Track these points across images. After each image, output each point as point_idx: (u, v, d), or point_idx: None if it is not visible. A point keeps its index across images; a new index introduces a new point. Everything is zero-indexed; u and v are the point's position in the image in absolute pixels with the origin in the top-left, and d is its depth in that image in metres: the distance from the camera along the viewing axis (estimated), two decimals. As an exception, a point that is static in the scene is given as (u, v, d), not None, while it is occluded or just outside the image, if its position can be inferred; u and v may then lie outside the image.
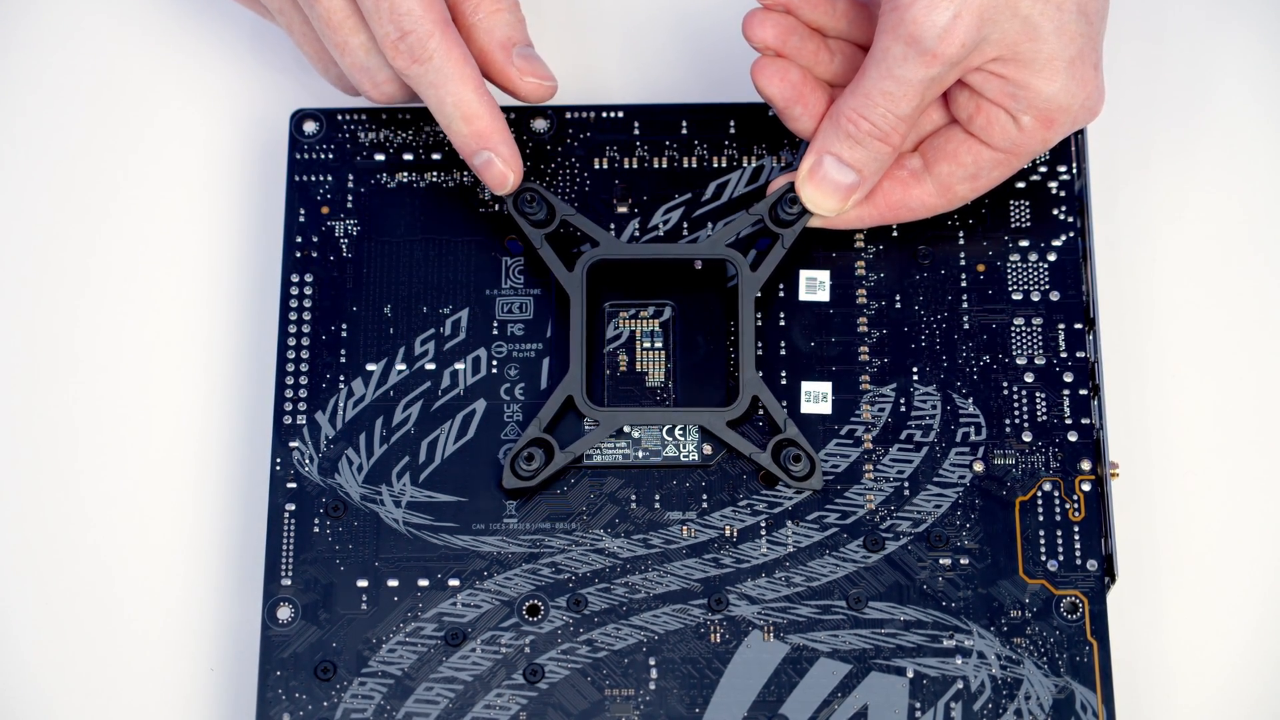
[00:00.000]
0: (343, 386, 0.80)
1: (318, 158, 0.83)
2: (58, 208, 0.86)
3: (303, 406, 0.80)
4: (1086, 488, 0.79)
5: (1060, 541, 0.78)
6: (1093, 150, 0.84)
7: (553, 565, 0.78)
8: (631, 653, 0.77)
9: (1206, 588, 0.80)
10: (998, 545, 0.78)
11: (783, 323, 0.81)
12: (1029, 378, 0.80)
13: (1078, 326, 0.81)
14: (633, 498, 0.79)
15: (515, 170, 0.79)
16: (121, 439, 0.82)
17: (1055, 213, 0.82)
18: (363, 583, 0.78)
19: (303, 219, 0.82)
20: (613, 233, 0.81)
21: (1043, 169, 0.82)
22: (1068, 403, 0.80)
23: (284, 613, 0.77)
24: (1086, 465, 0.79)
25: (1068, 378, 0.80)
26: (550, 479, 0.79)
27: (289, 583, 0.78)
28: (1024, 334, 0.80)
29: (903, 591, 0.77)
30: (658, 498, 0.79)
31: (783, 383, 0.80)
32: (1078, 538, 0.78)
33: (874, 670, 0.77)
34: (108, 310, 0.84)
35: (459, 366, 0.81)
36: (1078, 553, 0.78)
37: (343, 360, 0.80)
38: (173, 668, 0.80)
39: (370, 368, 0.80)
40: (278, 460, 0.79)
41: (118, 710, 0.79)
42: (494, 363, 0.80)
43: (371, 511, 0.79)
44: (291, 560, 0.78)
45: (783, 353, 0.81)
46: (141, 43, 0.88)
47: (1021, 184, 0.82)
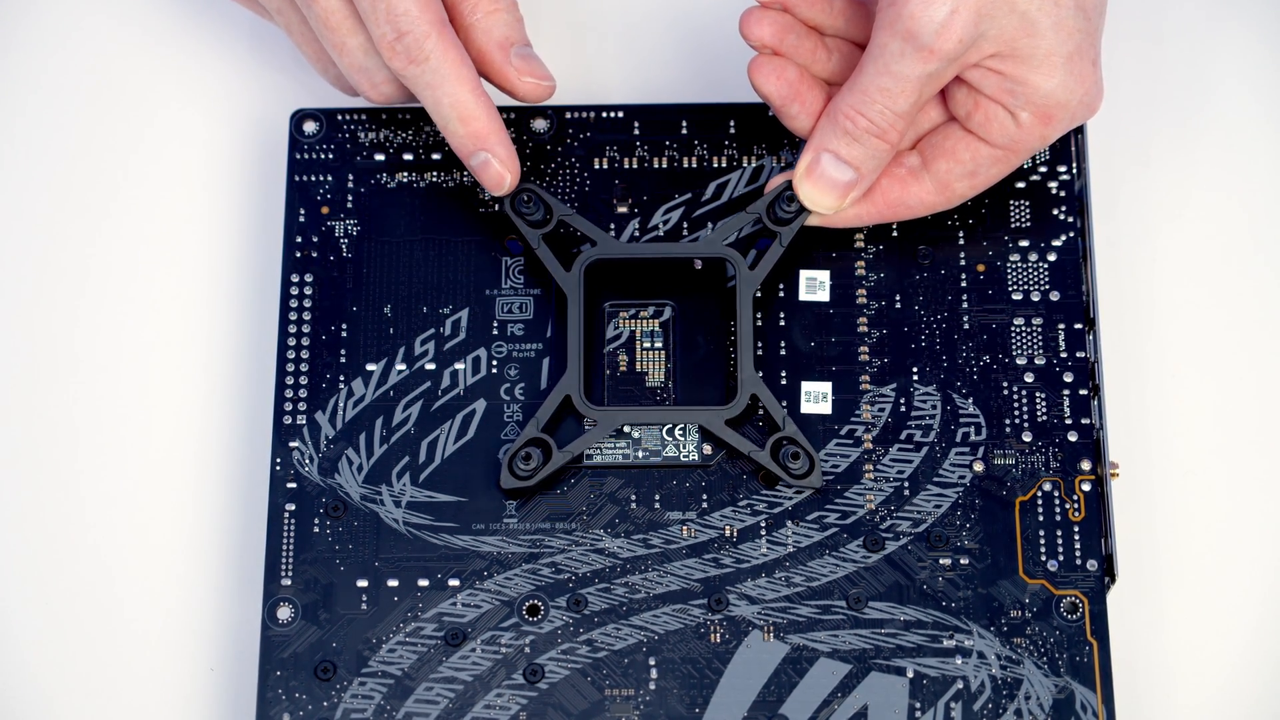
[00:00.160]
0: (343, 386, 0.80)
1: (318, 158, 0.83)
2: (58, 207, 0.86)
3: (303, 406, 0.80)
4: (1086, 488, 0.79)
5: (1060, 541, 0.78)
6: (1093, 150, 0.84)
7: (553, 565, 0.78)
8: (631, 653, 0.77)
9: (1206, 588, 0.80)
10: (998, 545, 0.78)
11: (783, 323, 0.81)
12: (1029, 378, 0.80)
13: (1078, 326, 0.80)
14: (633, 498, 0.79)
15: (512, 171, 0.79)
16: (121, 439, 0.82)
17: (1055, 213, 0.82)
18: (363, 583, 0.78)
19: (303, 219, 0.82)
20: (612, 233, 0.81)
21: (1043, 169, 0.82)
22: (1068, 403, 0.80)
23: (284, 613, 0.77)
24: (1086, 465, 0.79)
25: (1068, 378, 0.80)
26: (550, 479, 0.79)
27: (289, 583, 0.78)
28: (1024, 334, 0.80)
29: (903, 591, 0.77)
30: (658, 498, 0.79)
31: (783, 383, 0.80)
32: (1078, 538, 0.78)
33: (874, 670, 0.77)
34: (108, 310, 0.84)
35: (459, 366, 0.80)
36: (1078, 553, 0.78)
37: (343, 360, 0.80)
38: (173, 668, 0.80)
39: (370, 368, 0.80)
40: (278, 460, 0.79)
41: (118, 710, 0.79)
42: (494, 363, 0.80)
43: (371, 511, 0.79)
44: (291, 560, 0.78)
45: (783, 353, 0.81)
46: (141, 43, 0.88)
47: (1021, 184, 0.82)
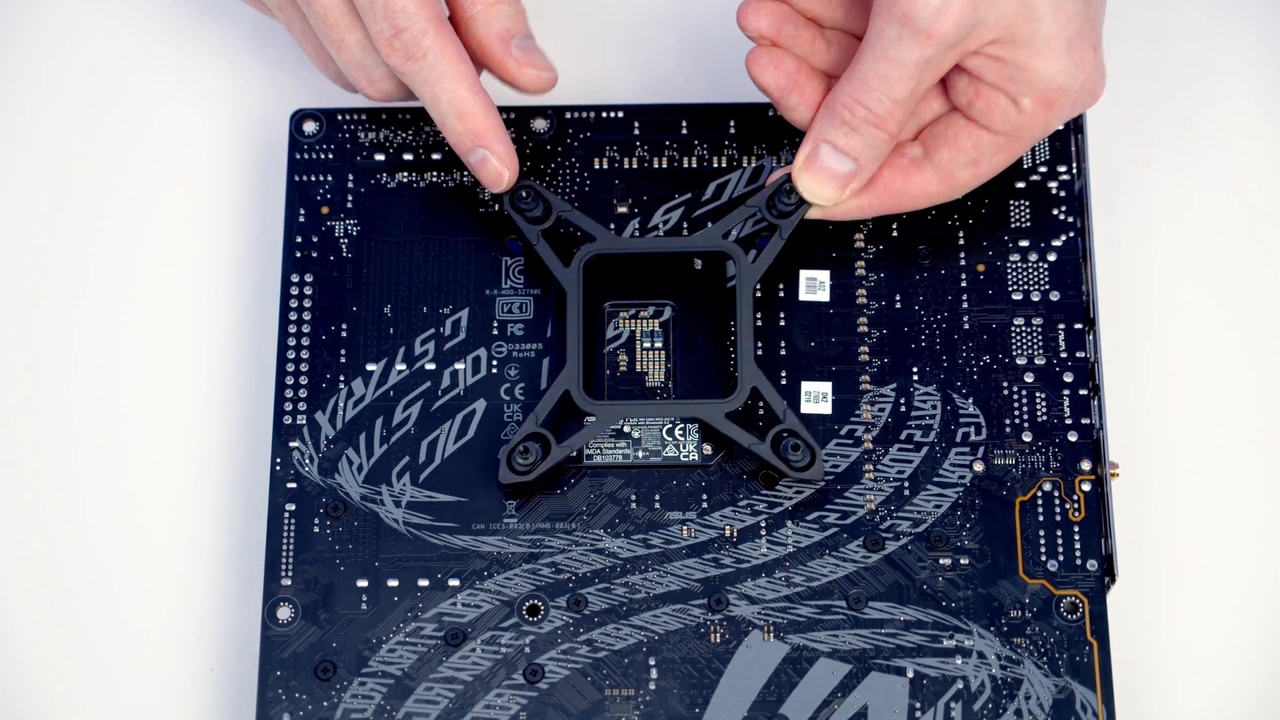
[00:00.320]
0: (343, 386, 0.80)
1: (318, 158, 0.83)
2: (58, 207, 0.86)
3: (303, 406, 0.80)
4: (1086, 488, 0.79)
5: (1060, 541, 0.78)
6: (1093, 150, 0.84)
7: (553, 565, 0.78)
8: (631, 653, 0.77)
9: (1206, 588, 0.80)
10: (998, 545, 0.78)
11: (783, 323, 0.81)
12: (1029, 378, 0.80)
13: (1078, 326, 0.80)
14: (633, 498, 0.79)
15: (510, 168, 0.79)
16: (121, 439, 0.82)
17: (1055, 213, 0.82)
18: (363, 583, 0.78)
19: (303, 219, 0.82)
20: (612, 232, 0.81)
21: (1043, 169, 0.82)
22: (1068, 403, 0.80)
23: (284, 613, 0.77)
24: (1086, 465, 0.79)
25: (1068, 378, 0.80)
26: (549, 478, 0.79)
27: (289, 583, 0.78)
28: (1024, 334, 0.80)
29: (903, 591, 0.77)
30: (658, 498, 0.79)
31: (783, 383, 0.80)
32: (1078, 538, 0.78)
33: (874, 670, 0.77)
34: (107, 310, 0.84)
35: (459, 366, 0.80)
36: (1078, 553, 0.78)
37: (343, 360, 0.80)
38: (173, 668, 0.80)
39: (370, 368, 0.80)
40: (278, 460, 0.79)
41: (118, 710, 0.79)
42: (494, 363, 0.80)
43: (371, 511, 0.79)
44: (291, 560, 0.78)
45: (783, 353, 0.81)
46: (141, 43, 0.88)
47: (1021, 184, 0.82)
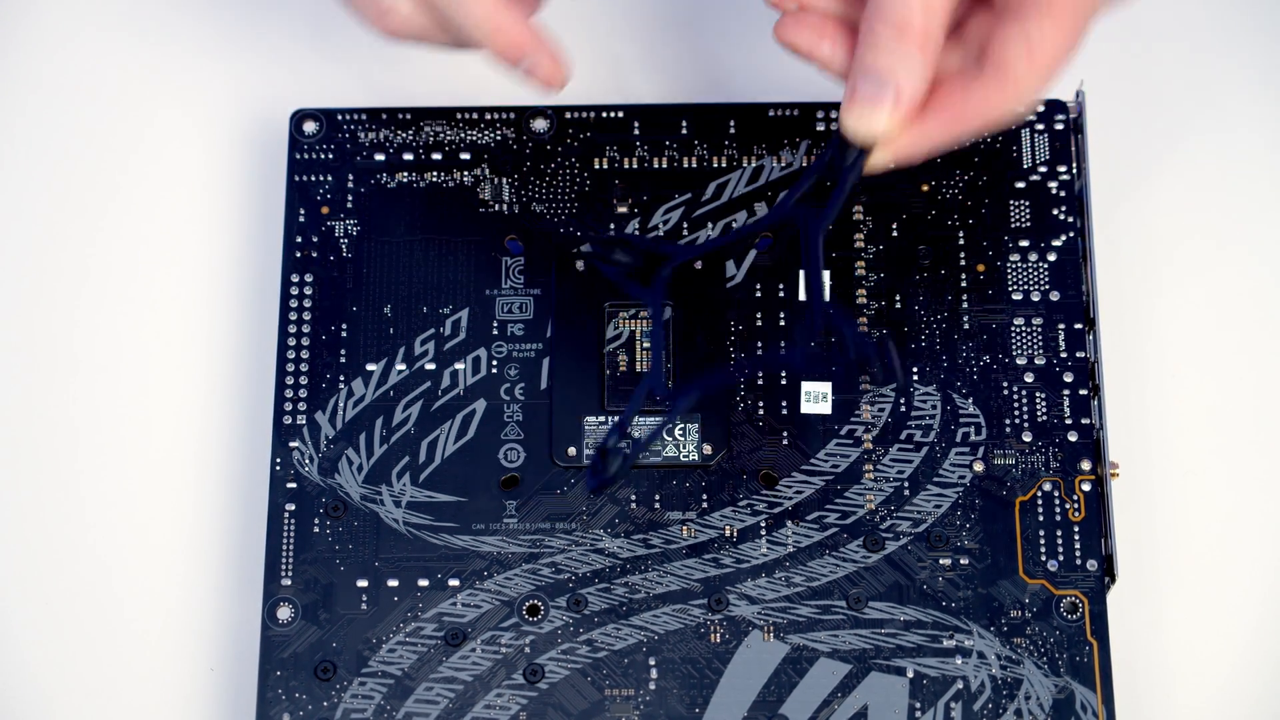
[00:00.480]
0: (343, 386, 0.80)
1: (318, 158, 0.83)
2: (57, 207, 0.86)
3: (303, 406, 0.80)
4: (1086, 488, 0.79)
5: (1060, 541, 0.78)
6: (1093, 150, 0.84)
7: (553, 565, 0.78)
8: (631, 653, 0.77)
9: (1206, 588, 0.80)
10: (998, 545, 0.78)
11: (782, 323, 0.81)
12: (1029, 378, 0.80)
13: (1078, 326, 0.80)
14: (633, 498, 0.79)
15: (562, 68, 0.76)
16: (121, 439, 0.82)
17: (1055, 213, 0.82)
18: (363, 583, 0.78)
19: (303, 219, 0.82)
20: (612, 232, 0.81)
21: (1043, 169, 0.82)
22: (1068, 403, 0.80)
23: (284, 613, 0.77)
24: (1086, 465, 0.79)
25: (1068, 378, 0.80)
26: (550, 480, 0.79)
27: (289, 583, 0.78)
28: (1024, 334, 0.80)
29: (903, 591, 0.77)
30: (658, 498, 0.79)
31: (783, 383, 0.80)
32: (1078, 538, 0.78)
33: (874, 670, 0.77)
34: (108, 310, 0.84)
35: (459, 366, 0.80)
36: (1078, 553, 0.78)
37: (343, 360, 0.80)
38: (173, 668, 0.80)
39: (370, 368, 0.80)
40: (278, 460, 0.79)
41: (118, 710, 0.79)
42: (494, 363, 0.80)
43: (371, 511, 0.79)
44: (291, 560, 0.78)
45: (783, 353, 0.80)
46: (141, 43, 0.88)
47: (1021, 184, 0.82)
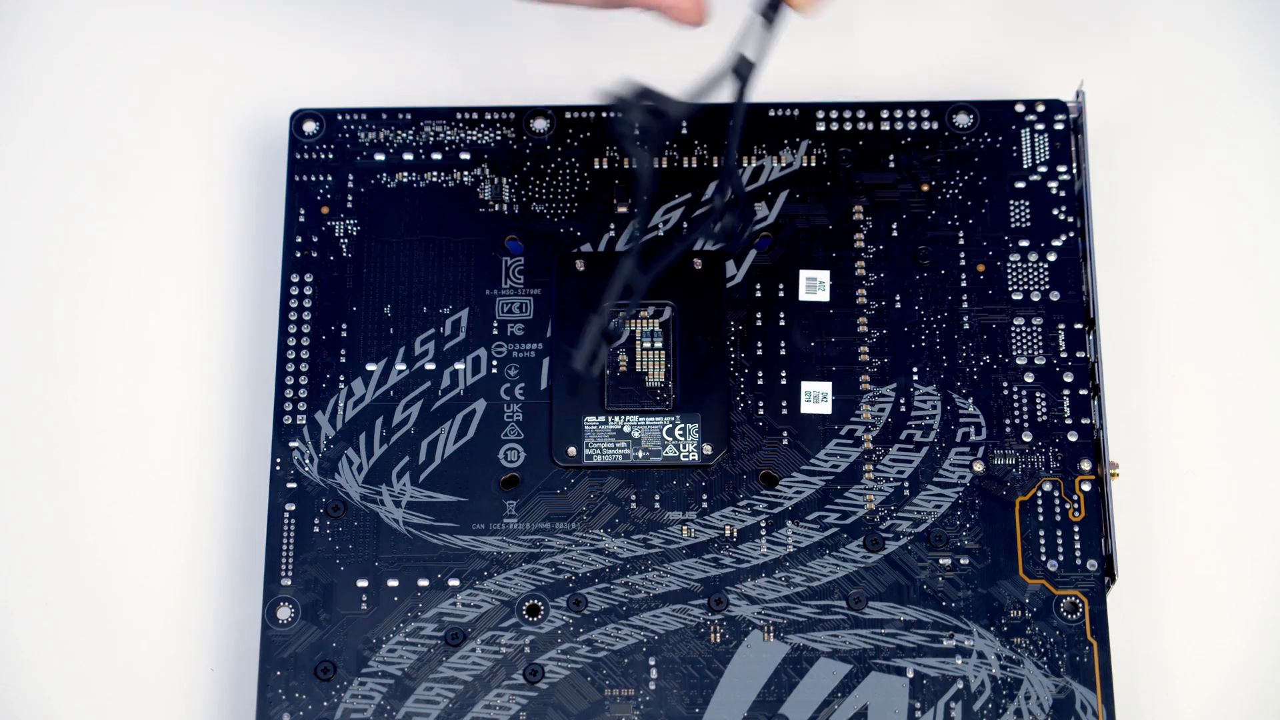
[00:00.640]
0: (343, 386, 0.80)
1: (318, 158, 0.83)
2: (58, 208, 0.86)
3: (303, 406, 0.80)
4: (1086, 488, 0.79)
5: (1060, 541, 0.78)
6: (1093, 150, 0.84)
7: (553, 565, 0.78)
8: (631, 653, 0.77)
9: (1206, 588, 0.80)
10: (998, 545, 0.78)
11: (782, 323, 0.81)
12: (1029, 378, 0.80)
13: (1078, 326, 0.80)
14: (633, 498, 0.79)
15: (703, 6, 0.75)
16: (121, 439, 0.82)
17: (1055, 213, 0.82)
18: (363, 583, 0.78)
19: (303, 219, 0.82)
20: (612, 233, 0.81)
21: (1043, 169, 0.82)
22: (1068, 403, 0.80)
23: (284, 613, 0.77)
24: (1086, 465, 0.79)
25: (1068, 378, 0.80)
26: (550, 480, 0.79)
27: (289, 583, 0.78)
28: (1024, 334, 0.80)
29: (903, 591, 0.77)
30: (658, 498, 0.79)
31: (783, 383, 0.80)
32: (1078, 538, 0.78)
33: (874, 670, 0.77)
34: (108, 311, 0.84)
35: (459, 366, 0.80)
36: (1078, 553, 0.78)
37: (343, 360, 0.80)
38: (173, 668, 0.80)
39: (370, 368, 0.80)
40: (278, 460, 0.79)
41: (118, 710, 0.79)
42: (494, 363, 0.80)
43: (371, 511, 0.79)
44: (291, 560, 0.78)
45: (783, 353, 0.81)
46: (141, 43, 0.88)
47: (1021, 184, 0.82)
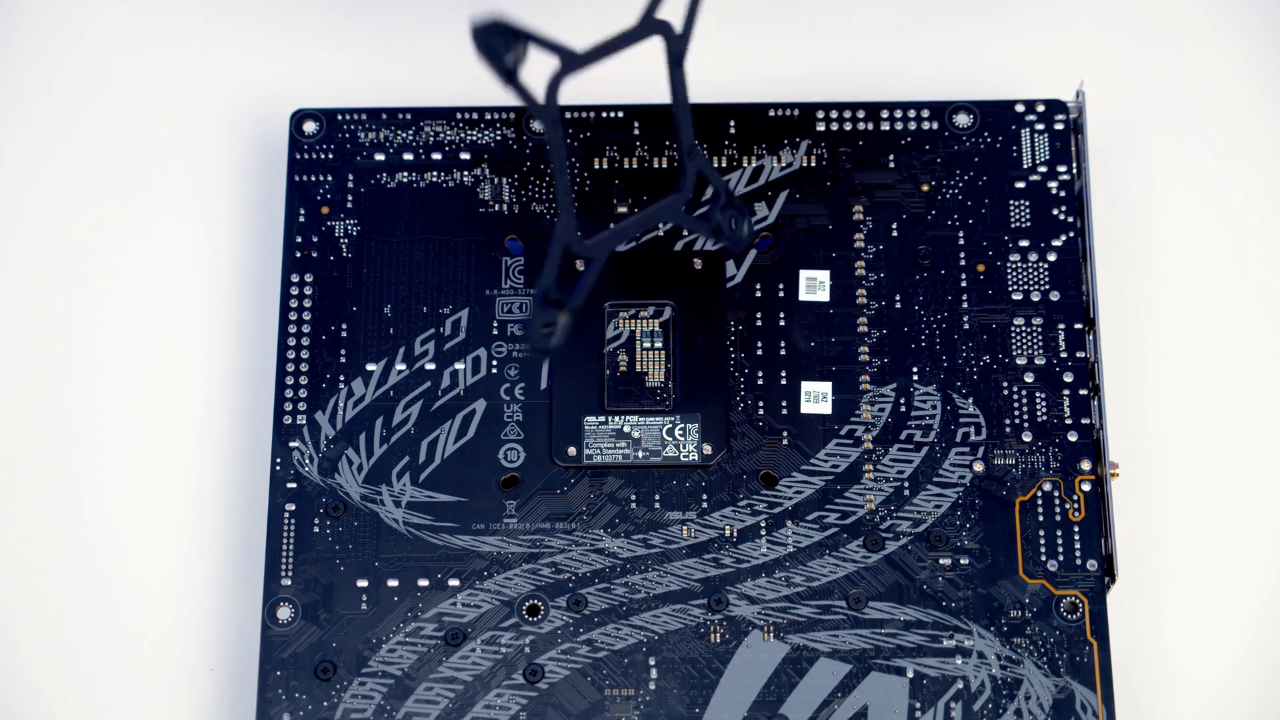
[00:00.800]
0: (343, 386, 0.80)
1: (318, 158, 0.83)
2: (58, 208, 0.86)
3: (303, 406, 0.80)
4: (1086, 488, 0.79)
5: (1060, 541, 0.78)
6: (1093, 150, 0.84)
7: (553, 565, 0.78)
8: (631, 653, 0.77)
9: (1206, 588, 0.80)
10: (998, 545, 0.78)
11: (782, 323, 0.81)
12: (1029, 378, 0.80)
13: (1078, 326, 0.80)
14: (633, 498, 0.79)
15: None
16: (121, 439, 0.82)
17: (1055, 213, 0.82)
18: (363, 583, 0.78)
19: (303, 219, 0.82)
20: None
21: (1043, 169, 0.82)
22: (1068, 403, 0.80)
23: (284, 613, 0.77)
24: (1086, 465, 0.79)
25: (1068, 378, 0.80)
26: (550, 480, 0.79)
27: (289, 583, 0.78)
28: (1024, 334, 0.80)
29: (903, 591, 0.77)
30: (658, 498, 0.79)
31: (783, 383, 0.80)
32: (1078, 538, 0.78)
33: (874, 670, 0.77)
34: (107, 311, 0.84)
35: (459, 366, 0.80)
36: (1078, 553, 0.78)
37: (343, 360, 0.80)
38: (173, 668, 0.80)
39: (370, 368, 0.80)
40: (278, 460, 0.79)
41: (118, 710, 0.79)
42: (494, 363, 0.80)
43: (371, 511, 0.79)
44: (291, 560, 0.78)
45: (782, 353, 0.81)
46: (141, 43, 0.88)
47: (1021, 184, 0.82)
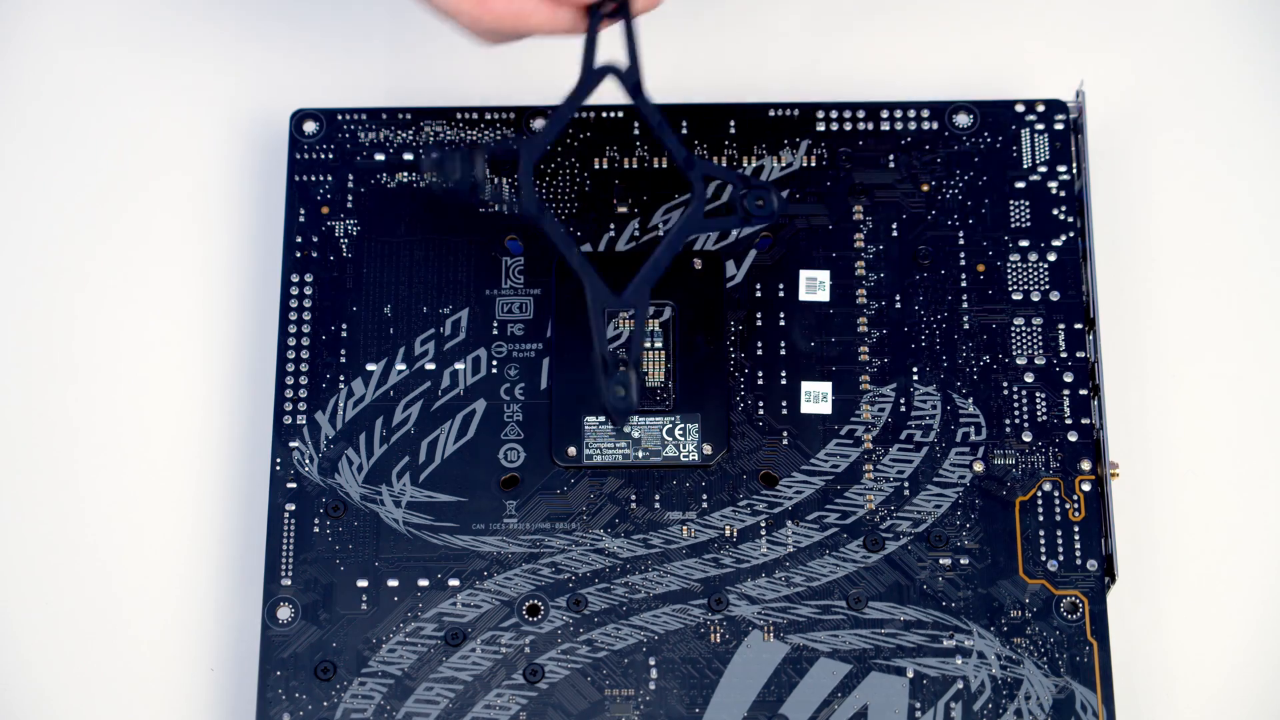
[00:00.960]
0: (343, 386, 0.80)
1: (318, 158, 0.83)
2: (58, 208, 0.86)
3: (303, 406, 0.80)
4: (1086, 488, 0.79)
5: (1060, 541, 0.78)
6: (1093, 150, 0.84)
7: (553, 565, 0.78)
8: (631, 653, 0.77)
9: (1206, 588, 0.80)
10: (998, 545, 0.78)
11: (782, 323, 0.81)
12: (1029, 378, 0.80)
13: (1078, 326, 0.80)
14: (633, 498, 0.79)
15: None
16: (121, 439, 0.82)
17: (1055, 213, 0.82)
18: (363, 583, 0.78)
19: (303, 219, 0.82)
20: (612, 233, 0.81)
21: (1043, 169, 0.82)
22: (1068, 403, 0.80)
23: (284, 613, 0.77)
24: (1086, 465, 0.79)
25: (1068, 378, 0.80)
26: (550, 480, 0.79)
27: (289, 583, 0.78)
28: (1024, 334, 0.80)
29: (903, 591, 0.77)
30: (658, 498, 0.79)
31: (783, 383, 0.80)
32: (1078, 538, 0.78)
33: (874, 670, 0.77)
34: (108, 311, 0.84)
35: (459, 366, 0.80)
36: (1078, 553, 0.78)
37: (343, 360, 0.80)
38: (173, 668, 0.80)
39: (370, 368, 0.80)
40: (278, 460, 0.79)
41: (118, 710, 0.79)
42: (494, 363, 0.80)
43: (371, 511, 0.79)
44: (291, 560, 0.78)
45: (782, 353, 0.81)
46: (141, 44, 0.88)
47: (1021, 184, 0.82)
